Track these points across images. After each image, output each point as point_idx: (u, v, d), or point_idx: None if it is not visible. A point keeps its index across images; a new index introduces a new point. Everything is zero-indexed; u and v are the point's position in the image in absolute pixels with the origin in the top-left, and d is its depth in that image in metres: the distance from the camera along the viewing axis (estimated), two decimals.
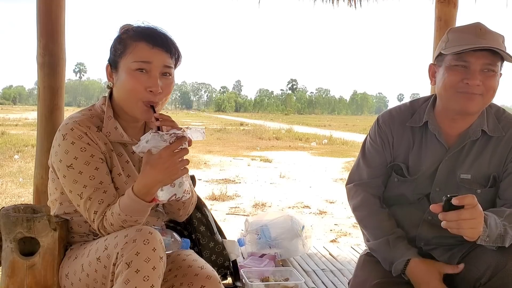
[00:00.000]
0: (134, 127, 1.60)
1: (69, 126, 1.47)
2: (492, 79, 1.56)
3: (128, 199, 1.39)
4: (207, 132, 22.41)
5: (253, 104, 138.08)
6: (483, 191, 1.64)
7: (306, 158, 12.35)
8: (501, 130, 1.66)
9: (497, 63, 1.55)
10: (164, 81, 1.48)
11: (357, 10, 3.51)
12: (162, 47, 1.47)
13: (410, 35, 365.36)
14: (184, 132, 1.37)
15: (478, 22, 1.61)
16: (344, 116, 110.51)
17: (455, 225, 1.36)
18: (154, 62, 1.46)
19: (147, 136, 1.36)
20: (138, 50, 1.46)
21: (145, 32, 1.49)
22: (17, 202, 5.45)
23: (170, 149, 1.34)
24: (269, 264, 2.56)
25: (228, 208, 5.81)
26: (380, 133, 1.75)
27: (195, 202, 1.73)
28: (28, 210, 1.56)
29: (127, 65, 1.46)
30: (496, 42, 1.55)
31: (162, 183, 1.38)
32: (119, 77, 1.49)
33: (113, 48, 1.52)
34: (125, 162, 1.55)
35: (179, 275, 1.52)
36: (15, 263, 1.51)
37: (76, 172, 1.45)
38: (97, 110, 1.57)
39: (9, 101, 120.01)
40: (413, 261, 1.60)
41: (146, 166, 1.37)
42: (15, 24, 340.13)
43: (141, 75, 1.45)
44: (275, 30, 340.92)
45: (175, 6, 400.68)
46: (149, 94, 1.45)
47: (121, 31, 1.52)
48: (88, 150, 1.46)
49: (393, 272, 1.63)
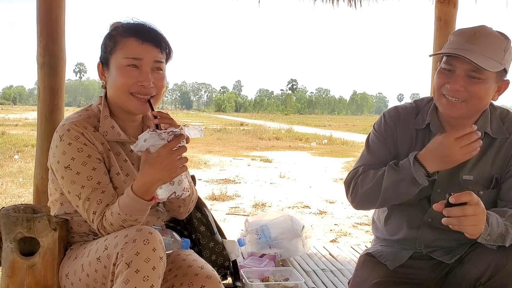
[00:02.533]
0: (132, 126, 1.60)
1: (65, 127, 1.47)
2: (476, 86, 1.53)
3: (128, 198, 1.39)
4: (207, 132, 22.36)
5: (253, 104, 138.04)
6: (486, 192, 1.63)
7: (306, 158, 12.34)
8: (505, 132, 1.65)
9: (483, 71, 1.51)
10: (155, 76, 1.49)
11: (357, 10, 3.52)
12: (151, 42, 1.48)
13: (410, 35, 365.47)
14: (182, 130, 1.37)
15: (481, 25, 1.58)
16: (344, 116, 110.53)
17: (457, 221, 1.35)
18: (144, 58, 1.46)
19: (145, 135, 1.36)
20: (128, 46, 1.46)
21: (134, 28, 1.49)
22: (17, 202, 5.45)
23: (168, 147, 1.34)
24: (269, 264, 2.56)
25: (228, 208, 5.81)
26: (385, 126, 1.74)
27: (195, 200, 1.73)
28: (28, 210, 1.56)
29: (118, 61, 1.47)
30: (489, 49, 1.51)
31: (161, 181, 1.38)
32: (110, 74, 1.50)
33: (103, 45, 1.52)
34: (123, 161, 1.55)
35: (179, 275, 1.52)
36: (15, 263, 1.51)
37: (74, 173, 1.45)
38: (94, 110, 1.57)
39: (9, 101, 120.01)
40: (419, 154, 1.56)
41: (144, 165, 1.37)
42: (16, 24, 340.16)
43: (132, 71, 1.46)
44: (275, 30, 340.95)
45: (175, 6, 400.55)
46: (140, 87, 1.46)
47: (111, 28, 1.53)
48: (85, 150, 1.46)
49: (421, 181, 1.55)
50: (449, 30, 3.06)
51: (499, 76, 1.56)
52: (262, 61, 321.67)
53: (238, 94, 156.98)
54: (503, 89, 1.62)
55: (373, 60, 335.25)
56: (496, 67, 1.52)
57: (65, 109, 2.69)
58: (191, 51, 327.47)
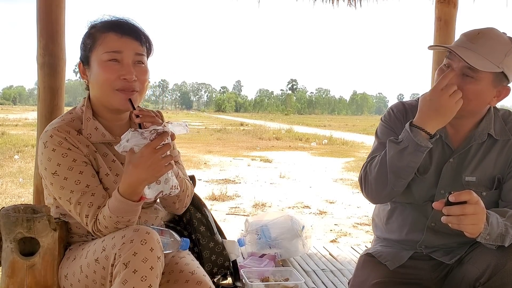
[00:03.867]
0: (118, 125, 1.58)
1: (48, 134, 1.46)
2: (467, 84, 1.52)
3: (116, 201, 1.38)
4: (207, 132, 22.30)
5: (253, 104, 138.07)
6: (488, 193, 1.63)
7: (306, 158, 12.34)
8: (508, 133, 1.65)
9: (477, 70, 1.50)
10: (137, 69, 1.47)
11: (357, 10, 3.52)
12: (131, 35, 1.47)
13: (410, 35, 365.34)
14: (165, 127, 1.34)
15: (490, 28, 1.57)
16: (344, 116, 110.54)
17: (456, 220, 1.34)
18: (125, 51, 1.45)
19: (128, 135, 1.33)
20: (108, 41, 1.45)
21: (113, 23, 1.49)
22: (17, 202, 5.45)
23: (151, 146, 1.32)
24: (269, 264, 2.56)
25: (228, 208, 5.81)
26: (394, 118, 1.73)
27: (191, 195, 1.72)
28: (28, 210, 1.56)
29: (99, 57, 1.45)
30: (486, 50, 1.50)
31: (147, 181, 1.36)
32: (92, 72, 1.48)
33: (82, 44, 1.52)
34: (112, 161, 1.54)
35: (171, 280, 1.51)
36: (15, 263, 1.51)
37: (61, 179, 1.44)
38: (78, 112, 1.55)
39: (9, 101, 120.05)
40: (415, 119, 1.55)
41: (128, 166, 1.35)
42: (16, 24, 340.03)
43: (113, 65, 1.45)
44: (275, 30, 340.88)
45: (175, 6, 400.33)
46: (123, 81, 1.45)
47: (89, 27, 1.52)
48: (69, 155, 1.44)
49: (424, 144, 1.52)
50: (449, 30, 3.06)
51: (497, 80, 1.55)
52: (262, 61, 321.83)
53: (238, 94, 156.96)
54: (503, 95, 1.60)
55: (373, 60, 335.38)
56: (489, 67, 1.50)
57: (65, 109, 2.68)
58: (191, 51, 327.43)
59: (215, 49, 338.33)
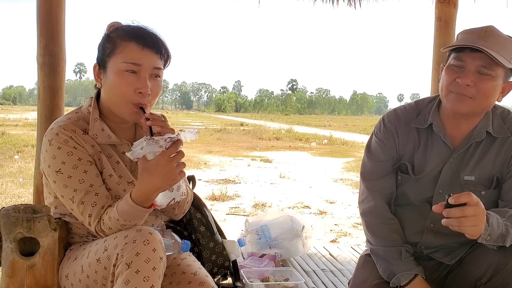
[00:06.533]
0: (123, 128, 1.58)
1: (54, 131, 1.45)
2: (485, 82, 1.53)
3: (127, 206, 1.38)
4: (207, 132, 22.30)
5: (253, 104, 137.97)
6: (487, 192, 1.63)
7: (306, 158, 12.34)
8: (506, 131, 1.65)
9: (494, 68, 1.51)
10: (153, 83, 1.46)
11: (357, 10, 3.51)
12: (152, 48, 1.44)
13: (410, 35, 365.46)
14: (178, 135, 1.35)
15: (490, 25, 1.58)
16: (344, 116, 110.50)
17: (457, 222, 1.34)
18: (144, 64, 1.43)
19: (142, 143, 1.32)
20: (128, 50, 1.42)
21: (136, 32, 1.46)
22: (17, 202, 5.45)
23: (167, 155, 1.32)
24: (269, 264, 2.56)
25: (228, 208, 5.81)
26: (385, 132, 1.73)
27: (190, 201, 1.72)
28: (28, 210, 1.56)
29: (117, 65, 1.43)
30: (499, 47, 1.51)
31: (162, 189, 1.37)
32: (107, 77, 1.46)
33: (101, 46, 1.48)
34: (116, 163, 1.53)
35: (173, 282, 1.51)
36: (15, 263, 1.51)
37: (65, 177, 1.43)
38: (84, 112, 1.54)
39: (9, 101, 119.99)
40: (419, 279, 1.59)
41: (143, 174, 1.34)
42: (16, 24, 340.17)
43: (130, 76, 1.42)
44: (275, 30, 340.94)
45: (175, 6, 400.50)
46: (138, 96, 1.43)
47: (110, 29, 1.49)
48: (75, 153, 1.44)
49: (392, 282, 1.62)
50: (449, 30, 3.06)
51: (506, 75, 1.56)
52: (262, 61, 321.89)
53: (238, 94, 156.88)
54: (507, 90, 1.61)
55: (373, 60, 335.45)
56: (506, 63, 1.52)
57: (65, 109, 2.68)
58: (191, 51, 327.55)
59: (215, 49, 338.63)
